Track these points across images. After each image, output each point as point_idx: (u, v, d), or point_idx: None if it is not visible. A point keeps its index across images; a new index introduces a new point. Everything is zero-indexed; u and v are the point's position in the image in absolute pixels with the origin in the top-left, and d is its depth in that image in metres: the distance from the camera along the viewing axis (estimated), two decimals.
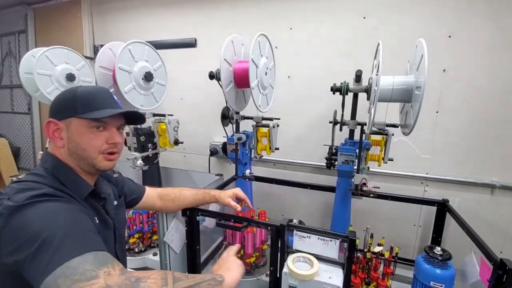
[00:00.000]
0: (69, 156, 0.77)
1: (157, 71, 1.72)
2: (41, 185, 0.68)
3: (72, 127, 0.75)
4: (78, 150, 0.76)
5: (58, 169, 0.75)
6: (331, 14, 1.76)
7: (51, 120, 0.75)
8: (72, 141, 0.75)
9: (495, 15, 1.45)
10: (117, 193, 1.00)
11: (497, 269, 0.90)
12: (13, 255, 0.58)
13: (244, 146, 1.66)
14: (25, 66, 1.74)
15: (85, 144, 0.75)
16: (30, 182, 0.69)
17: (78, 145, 0.75)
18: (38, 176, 0.72)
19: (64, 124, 0.75)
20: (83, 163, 0.78)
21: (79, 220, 0.65)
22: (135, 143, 1.73)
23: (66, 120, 0.75)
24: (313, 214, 2.00)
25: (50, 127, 0.76)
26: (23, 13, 2.85)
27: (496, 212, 1.59)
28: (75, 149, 0.76)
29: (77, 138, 0.75)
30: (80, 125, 0.74)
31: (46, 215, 0.61)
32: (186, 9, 2.17)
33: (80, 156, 0.76)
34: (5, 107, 3.23)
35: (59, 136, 0.76)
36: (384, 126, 1.33)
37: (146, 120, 1.81)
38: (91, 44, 2.60)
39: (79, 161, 0.77)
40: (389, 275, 1.27)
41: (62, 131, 0.75)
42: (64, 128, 0.75)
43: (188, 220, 1.31)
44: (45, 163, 0.76)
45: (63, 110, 0.75)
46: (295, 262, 1.13)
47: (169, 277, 0.61)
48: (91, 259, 0.57)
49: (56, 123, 0.75)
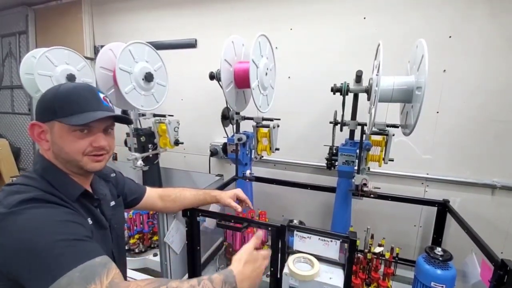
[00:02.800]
0: (56, 159, 0.75)
1: (158, 71, 1.72)
2: (31, 188, 0.67)
3: (55, 131, 0.72)
4: (62, 154, 0.74)
5: (48, 171, 0.74)
6: (331, 14, 1.76)
7: (35, 123, 0.73)
8: (55, 144, 0.73)
9: (495, 16, 1.45)
10: (115, 193, 0.99)
11: (498, 269, 0.90)
12: (1, 266, 0.59)
13: (245, 147, 1.66)
14: (26, 66, 1.74)
15: (68, 148, 0.73)
16: (21, 185, 0.68)
17: (61, 148, 0.73)
18: (29, 178, 0.71)
19: (48, 127, 0.73)
20: (70, 165, 0.76)
21: (65, 228, 0.63)
22: (136, 143, 1.73)
23: (49, 123, 0.72)
24: (314, 214, 2.00)
25: (35, 130, 0.74)
26: (23, 14, 2.85)
27: (496, 213, 1.59)
28: (59, 152, 0.74)
29: (59, 141, 0.72)
30: (62, 129, 0.72)
31: (31, 227, 0.59)
32: (187, 9, 2.17)
33: (64, 159, 0.75)
34: (6, 107, 3.24)
35: (45, 138, 0.74)
36: (385, 127, 1.33)
37: (147, 121, 1.83)
38: (92, 44, 2.60)
39: (66, 163, 0.76)
40: (389, 275, 1.27)
41: (46, 133, 0.73)
42: (48, 131, 0.73)
43: (188, 221, 1.31)
44: (36, 164, 0.75)
45: (44, 112, 0.73)
46: (296, 263, 1.13)
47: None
48: (77, 278, 0.56)
49: (40, 126, 0.73)
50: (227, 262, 1.57)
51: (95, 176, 0.90)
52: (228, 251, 1.58)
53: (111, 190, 0.98)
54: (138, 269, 1.64)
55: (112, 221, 0.89)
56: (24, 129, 3.14)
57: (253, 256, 0.79)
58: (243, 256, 0.77)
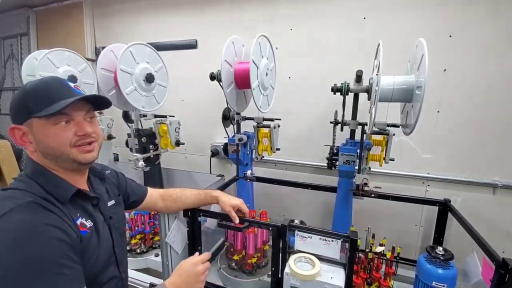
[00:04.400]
0: (45, 159, 0.72)
1: (158, 72, 1.73)
2: (23, 193, 0.66)
3: (34, 128, 0.69)
4: (49, 150, 0.71)
5: (37, 174, 0.71)
6: (331, 14, 1.77)
7: (13, 127, 0.70)
8: (39, 142, 0.70)
9: (496, 14, 1.45)
10: (116, 192, 0.97)
11: (499, 268, 0.90)
12: None
13: (245, 147, 1.67)
14: (28, 68, 1.75)
15: (53, 143, 0.70)
16: (14, 190, 0.67)
17: (46, 145, 0.70)
18: (21, 182, 0.70)
19: (26, 127, 0.70)
20: (61, 161, 0.73)
21: (36, 259, 0.59)
22: (137, 144, 1.74)
23: (26, 123, 0.69)
24: (315, 214, 2.00)
25: (16, 134, 0.70)
26: (25, 15, 2.87)
27: (498, 212, 1.59)
28: (45, 149, 0.71)
29: (43, 138, 0.69)
30: (42, 123, 0.68)
31: (6, 247, 0.58)
32: (187, 10, 2.17)
33: (53, 156, 0.72)
34: (7, 109, 3.24)
35: (28, 140, 0.71)
36: (385, 126, 1.33)
37: (148, 122, 1.84)
38: (93, 46, 2.62)
39: (56, 160, 0.73)
40: (391, 275, 1.27)
41: (28, 134, 0.70)
42: (28, 131, 0.70)
43: (189, 221, 1.32)
44: (26, 168, 0.74)
45: (18, 113, 0.70)
46: (297, 263, 1.14)
47: None
48: None
49: (19, 128, 0.70)
50: (228, 262, 1.58)
51: (90, 175, 0.87)
52: (229, 251, 1.58)
53: (109, 188, 0.94)
54: (139, 270, 1.65)
55: (112, 220, 0.87)
56: None
57: (187, 269, 0.90)
58: (177, 270, 0.89)
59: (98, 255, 0.75)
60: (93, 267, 0.72)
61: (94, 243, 0.75)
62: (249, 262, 1.49)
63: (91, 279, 0.69)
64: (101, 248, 0.77)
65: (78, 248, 0.69)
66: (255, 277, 1.50)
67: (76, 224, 0.71)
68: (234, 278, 1.49)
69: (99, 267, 0.72)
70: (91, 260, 0.73)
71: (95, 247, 0.75)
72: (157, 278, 1.51)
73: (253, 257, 1.49)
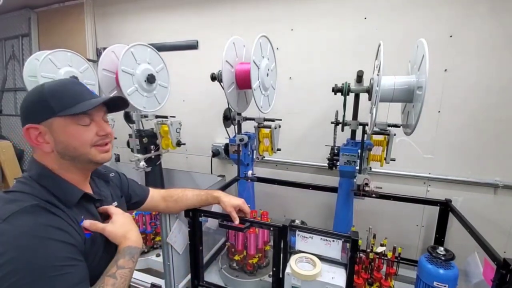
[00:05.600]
0: (61, 159, 0.73)
1: (159, 73, 1.73)
2: (26, 196, 0.66)
3: (55, 128, 0.70)
4: (69, 151, 0.72)
5: (44, 177, 0.71)
6: (332, 14, 1.77)
7: (30, 126, 0.69)
8: (59, 142, 0.70)
9: (496, 15, 1.45)
10: (119, 194, 0.99)
11: (501, 269, 0.90)
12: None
13: (246, 147, 1.67)
14: (29, 69, 1.75)
15: (75, 142, 0.71)
16: (17, 193, 0.67)
17: (67, 145, 0.71)
18: (25, 185, 0.69)
19: (44, 127, 0.70)
20: (78, 161, 0.74)
21: (40, 259, 0.60)
22: (138, 145, 1.74)
23: (45, 122, 0.69)
24: (315, 214, 2.00)
25: (31, 134, 0.70)
26: (26, 16, 2.88)
27: (499, 212, 1.58)
28: (65, 150, 0.71)
29: (64, 138, 0.70)
30: (64, 123, 0.70)
31: (10, 250, 0.58)
32: (188, 11, 2.18)
33: (72, 156, 0.73)
34: (9, 110, 3.26)
35: (44, 141, 0.71)
36: (386, 126, 1.33)
37: (149, 122, 1.85)
38: (94, 47, 2.62)
39: (73, 160, 0.73)
40: (392, 275, 1.27)
41: (45, 134, 0.70)
42: (47, 131, 0.70)
43: (190, 221, 1.32)
44: (30, 171, 0.72)
45: (38, 112, 0.69)
46: (298, 263, 1.14)
47: None
48: None
49: (36, 127, 0.69)
50: (229, 262, 1.58)
51: (94, 178, 0.89)
52: (230, 251, 1.58)
53: (113, 190, 0.97)
54: (141, 270, 1.65)
55: None
56: None
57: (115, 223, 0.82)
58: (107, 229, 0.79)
59: (101, 257, 0.76)
60: (97, 268, 0.73)
61: (98, 245, 0.76)
62: (250, 262, 1.49)
63: (94, 279, 0.70)
64: (104, 250, 0.78)
65: (82, 249, 0.70)
66: (256, 277, 1.50)
67: (80, 226, 0.72)
68: (235, 278, 1.49)
69: (103, 268, 0.73)
70: (95, 261, 0.74)
71: (99, 249, 0.76)
72: (158, 278, 1.52)
73: (254, 257, 1.49)
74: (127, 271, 0.73)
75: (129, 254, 0.75)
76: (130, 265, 0.74)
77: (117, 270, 0.71)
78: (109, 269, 0.72)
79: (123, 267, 0.72)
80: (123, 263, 0.73)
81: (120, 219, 0.81)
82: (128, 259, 0.74)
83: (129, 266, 0.74)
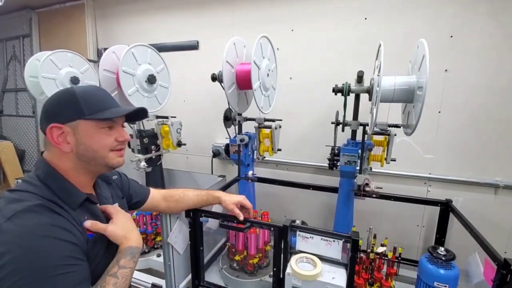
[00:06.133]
0: (78, 160, 0.75)
1: (160, 73, 1.74)
2: (31, 195, 0.67)
3: (80, 130, 0.73)
4: (89, 152, 0.75)
5: (50, 178, 0.72)
6: (332, 15, 1.77)
7: (54, 125, 0.71)
8: (81, 144, 0.74)
9: (496, 15, 1.45)
10: (120, 195, 1.00)
11: (501, 269, 0.90)
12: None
13: (247, 148, 1.67)
14: (30, 70, 1.76)
15: (96, 145, 0.75)
16: (21, 192, 0.68)
17: (88, 147, 0.74)
18: (30, 184, 0.70)
19: (69, 128, 0.72)
20: (94, 164, 0.78)
21: (45, 259, 0.61)
22: (139, 145, 1.75)
23: (71, 124, 0.72)
24: (316, 214, 2.00)
25: (54, 133, 0.72)
26: (27, 17, 2.89)
27: (500, 212, 1.58)
28: (85, 151, 0.74)
29: (87, 140, 0.74)
30: (90, 126, 0.74)
31: (14, 248, 0.59)
32: (189, 12, 2.18)
33: (90, 158, 0.76)
34: (10, 110, 3.27)
35: (65, 141, 0.73)
36: (386, 127, 1.33)
37: (150, 123, 1.85)
38: (95, 47, 2.63)
39: (89, 163, 0.77)
40: (392, 275, 1.27)
41: (67, 135, 0.72)
42: (70, 132, 0.72)
43: (191, 221, 1.32)
44: (37, 170, 0.74)
45: (65, 113, 0.72)
46: (298, 263, 1.14)
47: None
48: None
49: (60, 127, 0.72)
50: (230, 263, 1.58)
51: (97, 179, 0.90)
52: (231, 252, 1.58)
53: (114, 192, 0.98)
54: (141, 270, 1.65)
55: None
56: (29, 131, 3.16)
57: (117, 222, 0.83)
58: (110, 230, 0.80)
59: (103, 257, 0.77)
60: (98, 268, 0.74)
61: (100, 246, 0.77)
62: (251, 262, 1.49)
63: (96, 279, 0.71)
64: (106, 250, 0.79)
65: (85, 249, 0.71)
66: (256, 277, 1.50)
67: (83, 227, 0.73)
68: (236, 279, 1.49)
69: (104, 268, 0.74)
70: (96, 261, 0.74)
71: (101, 249, 0.77)
72: (159, 278, 1.52)
73: (255, 257, 1.49)
74: (128, 271, 0.74)
75: (130, 254, 0.76)
76: (131, 265, 0.75)
77: (119, 269, 0.72)
78: (110, 268, 0.73)
79: (124, 267, 0.73)
80: (124, 262, 0.74)
81: (121, 220, 0.83)
82: (129, 259, 0.76)
83: (130, 266, 0.75)
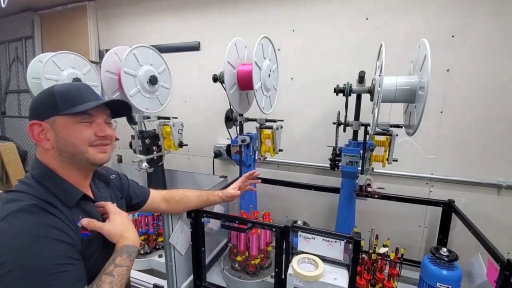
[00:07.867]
0: (60, 156, 0.75)
1: (162, 74, 1.74)
2: (25, 196, 0.67)
3: (57, 125, 0.73)
4: (68, 147, 0.74)
5: (45, 177, 0.73)
6: (333, 15, 1.77)
7: (34, 122, 0.73)
8: (60, 138, 0.73)
9: (498, 15, 1.45)
10: (119, 195, 0.99)
11: (504, 270, 0.90)
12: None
13: (248, 148, 1.67)
14: (33, 71, 1.77)
15: (74, 138, 0.73)
16: (17, 193, 0.68)
17: (67, 140, 0.73)
18: (26, 185, 0.71)
19: (48, 124, 0.73)
20: (76, 160, 0.76)
21: (38, 258, 0.61)
22: (140, 146, 1.75)
23: (49, 120, 0.73)
24: (318, 215, 2.00)
25: (34, 129, 0.73)
26: (30, 19, 2.90)
27: (502, 212, 1.57)
28: (65, 146, 0.73)
29: (64, 134, 0.73)
30: (66, 121, 0.73)
31: (8, 249, 0.60)
32: (190, 13, 2.19)
33: (71, 153, 0.74)
34: (13, 111, 3.29)
35: (45, 138, 0.73)
36: (388, 127, 1.33)
37: (151, 123, 1.85)
38: (97, 49, 2.64)
39: (71, 158, 0.75)
40: (394, 276, 1.26)
41: (47, 131, 0.73)
42: (49, 128, 0.73)
43: (193, 222, 1.32)
44: (33, 170, 0.74)
45: (43, 110, 0.73)
46: (300, 263, 1.14)
47: None
48: None
49: (40, 124, 0.73)
50: (231, 263, 1.58)
51: (95, 179, 0.90)
52: (232, 252, 1.58)
53: (113, 192, 0.97)
54: (143, 270, 1.66)
55: None
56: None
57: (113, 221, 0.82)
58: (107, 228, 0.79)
59: (99, 256, 0.77)
60: (94, 267, 0.74)
61: (96, 245, 0.77)
62: (252, 263, 1.49)
63: (92, 278, 0.71)
64: (103, 249, 0.78)
65: (80, 249, 0.70)
66: (258, 278, 1.50)
67: (78, 226, 0.73)
68: (238, 279, 1.49)
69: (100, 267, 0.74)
70: (92, 260, 0.74)
71: (97, 248, 0.77)
72: (161, 279, 1.52)
73: (256, 258, 1.49)
74: (124, 269, 0.73)
75: (126, 252, 0.76)
76: (127, 264, 0.75)
77: (115, 268, 0.72)
78: (106, 267, 0.73)
79: (120, 265, 0.73)
80: (121, 261, 0.74)
81: (118, 218, 0.82)
82: (125, 257, 0.75)
83: (126, 264, 0.74)
